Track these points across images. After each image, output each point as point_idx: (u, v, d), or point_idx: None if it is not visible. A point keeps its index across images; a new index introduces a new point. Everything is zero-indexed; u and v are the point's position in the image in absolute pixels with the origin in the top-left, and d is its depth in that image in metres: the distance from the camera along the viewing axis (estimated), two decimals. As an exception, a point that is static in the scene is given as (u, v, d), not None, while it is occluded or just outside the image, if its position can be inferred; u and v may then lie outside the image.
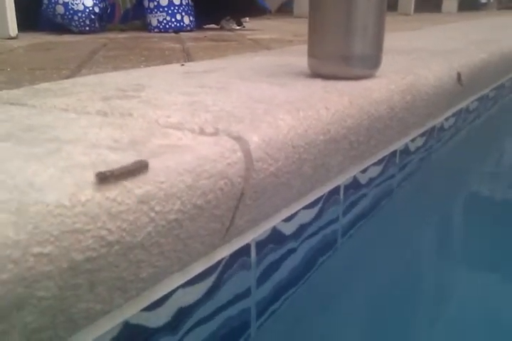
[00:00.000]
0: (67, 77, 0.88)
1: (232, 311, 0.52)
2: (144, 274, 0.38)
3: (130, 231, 0.33)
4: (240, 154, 0.42)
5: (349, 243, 0.70)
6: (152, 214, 0.34)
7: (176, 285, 0.44)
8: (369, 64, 0.69)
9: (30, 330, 0.30)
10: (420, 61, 0.93)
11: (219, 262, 0.49)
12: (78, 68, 0.99)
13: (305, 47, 0.73)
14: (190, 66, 0.92)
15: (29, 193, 0.29)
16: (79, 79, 0.78)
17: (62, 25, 1.92)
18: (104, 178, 0.32)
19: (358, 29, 0.66)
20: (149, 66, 0.98)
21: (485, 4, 5.55)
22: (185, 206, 0.37)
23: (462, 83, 0.99)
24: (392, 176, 0.89)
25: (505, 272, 0.66)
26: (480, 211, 0.90)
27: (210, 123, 0.46)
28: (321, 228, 0.67)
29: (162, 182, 0.35)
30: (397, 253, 0.71)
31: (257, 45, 1.45)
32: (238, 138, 0.43)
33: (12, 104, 0.60)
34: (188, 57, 1.17)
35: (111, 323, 0.38)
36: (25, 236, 0.27)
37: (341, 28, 0.66)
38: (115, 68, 0.97)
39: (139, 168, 0.35)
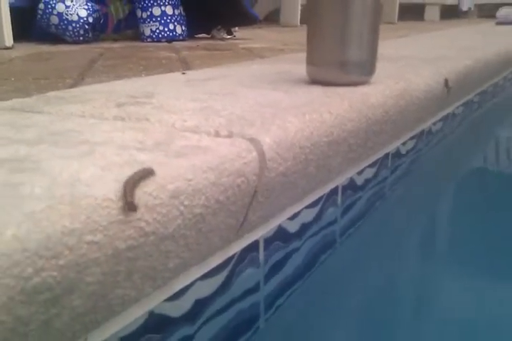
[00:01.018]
0: (72, 86, 0.91)
1: (244, 304, 0.55)
2: (170, 264, 0.42)
3: (163, 223, 0.37)
4: (254, 154, 0.45)
5: (348, 241, 0.74)
6: (181, 208, 0.38)
7: (194, 277, 0.48)
8: (365, 71, 0.74)
9: (76, 314, 0.34)
10: (410, 68, 0.98)
11: (232, 257, 0.53)
12: (81, 77, 1.02)
13: (297, 56, 0.78)
14: (191, 74, 0.95)
15: (79, 188, 0.32)
16: (87, 88, 0.81)
17: (56, 36, 1.95)
18: (133, 207, 0.33)
19: (354, 38, 0.70)
20: (150, 75, 1.01)
21: (466, 12, 5.69)
22: (209, 201, 0.41)
23: (449, 89, 1.04)
24: (385, 178, 0.94)
25: (500, 270, 0.70)
26: (467, 209, 0.95)
27: (224, 127, 0.50)
28: (321, 227, 0.71)
29: (190, 180, 0.38)
30: (392, 250, 0.75)
31: (251, 54, 1.50)
32: (252, 140, 0.46)
33: (28, 111, 0.63)
34: (185, 65, 1.21)
35: (140, 311, 0.42)
36: (79, 225, 0.30)
37: (338, 37, 0.71)
38: (117, 77, 1.00)
39: (145, 175, 0.36)
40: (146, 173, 0.36)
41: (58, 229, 0.29)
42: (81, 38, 1.95)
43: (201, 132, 0.49)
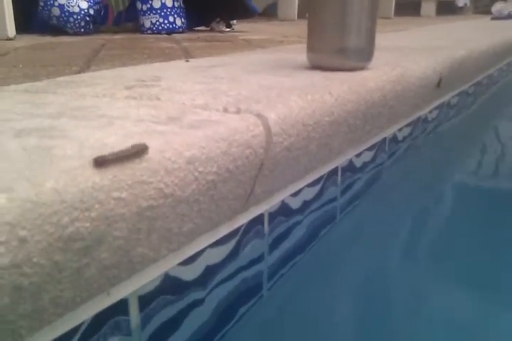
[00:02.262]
0: (79, 72, 0.94)
1: (249, 273, 0.59)
2: (185, 228, 0.45)
3: (180, 187, 0.40)
4: (261, 128, 0.48)
5: (346, 217, 0.78)
6: (196, 174, 0.41)
7: (205, 244, 0.51)
8: (363, 56, 0.77)
9: (103, 266, 0.37)
10: (407, 56, 1.02)
11: (239, 228, 0.56)
12: (87, 65, 1.05)
13: (297, 47, 0.81)
14: (194, 62, 0.98)
15: (105, 150, 0.35)
16: (95, 73, 0.84)
17: (56, 27, 1.97)
18: (102, 162, 0.33)
19: (353, 25, 0.73)
20: (154, 63, 1.04)
21: (462, 8, 5.72)
22: (220, 169, 0.44)
23: (440, 85, 1.07)
24: (382, 162, 0.97)
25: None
26: (460, 196, 0.99)
27: (232, 104, 0.53)
28: (322, 204, 0.75)
29: (203, 148, 0.41)
30: (386, 227, 0.79)
31: (250, 45, 1.52)
32: (259, 115, 0.50)
33: (42, 93, 0.66)
34: (187, 55, 1.23)
35: (156, 272, 0.45)
36: (107, 182, 0.33)
37: (338, 24, 0.74)
38: (123, 65, 1.03)
39: (138, 152, 0.36)
40: (140, 150, 0.36)
41: (90, 185, 0.32)
42: (82, 30, 1.98)
43: (210, 109, 0.52)
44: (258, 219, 0.60)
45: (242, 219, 0.57)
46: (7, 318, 0.30)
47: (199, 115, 0.49)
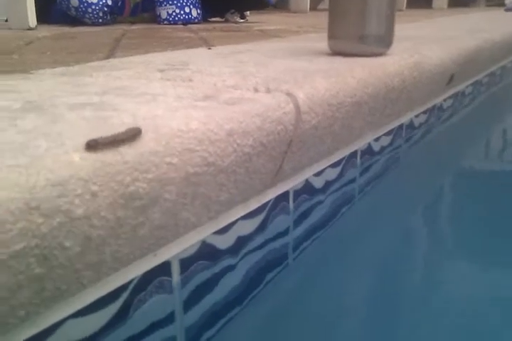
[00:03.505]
0: (105, 59, 0.97)
1: (275, 244, 0.63)
2: (222, 198, 0.48)
3: (221, 157, 0.43)
4: (291, 106, 0.52)
5: (364, 197, 0.82)
6: (235, 146, 0.45)
7: (238, 216, 0.55)
8: (383, 43, 0.80)
9: (154, 226, 0.40)
10: (422, 45, 1.04)
11: (267, 202, 0.60)
12: (111, 52, 1.08)
13: (313, 36, 0.84)
14: (216, 49, 1.02)
15: (156, 120, 0.39)
16: (123, 59, 0.88)
17: (75, 18, 2.01)
18: (94, 145, 0.33)
19: (373, 12, 0.76)
20: (176, 50, 1.07)
21: (474, 1, 5.68)
22: (255, 142, 0.47)
23: (451, 83, 1.10)
24: (399, 146, 1.00)
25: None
26: (474, 179, 1.02)
27: (261, 85, 0.57)
28: (342, 185, 0.78)
29: (241, 122, 0.45)
30: (402, 207, 0.84)
31: (266, 35, 1.55)
32: (289, 94, 0.53)
33: (79, 76, 0.69)
34: (206, 44, 1.26)
35: (196, 238, 0.49)
36: (161, 148, 0.37)
37: (359, 11, 0.77)
38: (146, 52, 1.06)
39: (131, 136, 0.36)
40: (134, 133, 0.36)
41: (147, 150, 0.36)
42: (100, 20, 2.01)
43: (242, 88, 0.55)
44: (284, 196, 0.63)
45: (270, 195, 0.60)
46: (75, 267, 0.34)
47: (232, 94, 0.52)
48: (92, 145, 0.33)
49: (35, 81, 0.62)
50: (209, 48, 1.02)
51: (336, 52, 0.82)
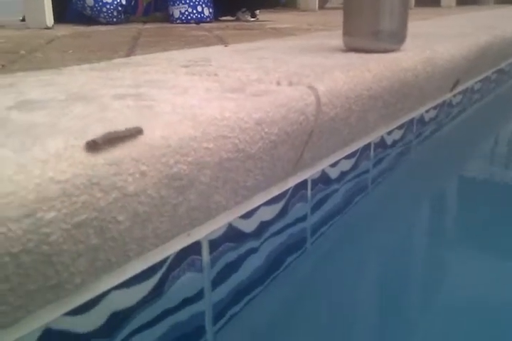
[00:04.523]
0: (127, 56, 1.01)
1: (295, 229, 0.66)
2: (248, 183, 0.52)
3: (250, 144, 0.47)
4: (312, 98, 0.55)
5: (377, 187, 0.85)
6: (262, 133, 0.48)
7: (261, 201, 0.58)
8: (396, 39, 0.83)
9: (190, 207, 0.44)
10: (434, 41, 1.07)
11: (288, 190, 0.63)
12: (131, 50, 1.12)
13: (325, 34, 0.87)
14: (233, 47, 1.05)
15: (194, 110, 0.42)
16: (146, 56, 0.91)
17: (89, 18, 2.05)
18: (94, 145, 0.33)
19: (386, 9, 0.79)
20: (194, 48, 1.11)
21: (483, -2, 5.66)
22: (280, 131, 0.51)
23: (455, 89, 1.13)
24: (410, 140, 1.03)
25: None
26: (485, 173, 1.05)
27: (283, 78, 0.60)
28: (356, 175, 0.81)
29: (268, 111, 0.48)
30: (412, 197, 0.88)
31: (279, 33, 1.58)
32: (310, 87, 0.56)
33: (108, 71, 0.73)
34: (222, 42, 1.30)
35: (223, 221, 0.52)
36: (199, 134, 0.40)
37: (373, 8, 0.80)
38: (164, 50, 1.10)
39: (132, 134, 0.36)
40: (134, 133, 0.36)
41: (187, 136, 0.39)
42: (114, 20, 2.05)
43: (265, 82, 0.59)
44: (303, 184, 0.67)
45: (290, 183, 0.64)
46: (124, 240, 0.38)
47: (257, 87, 0.56)
48: (91, 146, 0.33)
49: (68, 76, 0.65)
50: (226, 46, 1.06)
51: (350, 49, 0.85)
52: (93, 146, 0.33)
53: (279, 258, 0.62)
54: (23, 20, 2.06)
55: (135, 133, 0.36)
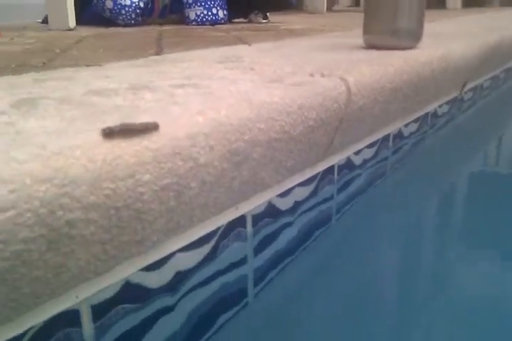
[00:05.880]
0: (157, 55, 1.07)
1: (324, 207, 0.72)
2: (288, 163, 0.58)
3: (293, 127, 0.53)
4: (344, 87, 0.61)
5: (394, 174, 0.93)
6: (303, 118, 0.54)
7: (296, 182, 0.64)
8: (413, 37, 0.89)
9: (242, 182, 0.50)
10: (446, 40, 1.13)
11: (318, 174, 0.69)
12: (159, 49, 1.19)
13: (340, 34, 0.92)
14: (256, 46, 1.11)
15: (249, 95, 0.48)
16: (179, 54, 0.98)
17: (107, 20, 2.12)
18: (109, 133, 0.35)
19: (405, 9, 0.86)
20: (219, 47, 1.17)
21: (488, 0, 5.71)
22: (317, 116, 0.57)
23: (463, 91, 1.20)
24: (425, 132, 1.09)
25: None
26: (495, 167, 1.12)
27: (316, 71, 0.66)
28: (377, 162, 0.88)
29: (308, 98, 0.54)
30: (425, 185, 0.96)
31: (294, 33, 1.65)
32: (342, 78, 0.62)
33: (149, 67, 0.79)
34: (241, 41, 1.36)
35: (266, 197, 0.58)
36: (253, 115, 0.46)
37: (392, 8, 0.86)
38: (190, 49, 1.16)
39: (148, 128, 0.37)
40: (150, 127, 0.37)
41: (244, 116, 0.45)
42: (132, 22, 2.12)
43: (300, 74, 0.65)
44: (330, 170, 0.73)
45: (320, 167, 0.70)
46: (192, 205, 0.44)
47: (293, 78, 0.62)
48: (107, 133, 0.35)
49: (117, 71, 0.72)
50: (249, 45, 1.12)
51: (370, 46, 0.91)
52: (108, 133, 0.35)
53: (309, 231, 0.68)
54: (43, 22, 2.13)
55: (151, 128, 0.37)
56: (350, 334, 0.54)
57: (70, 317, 0.38)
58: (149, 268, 0.44)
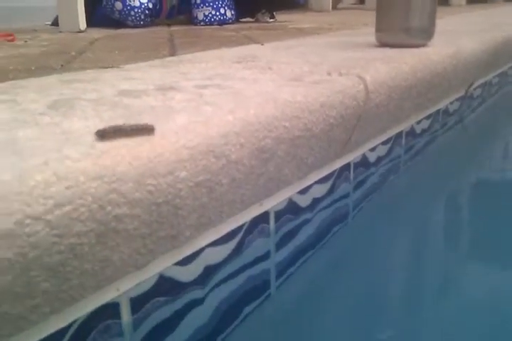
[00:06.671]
0: (171, 56, 1.09)
1: (340, 204, 0.74)
2: (309, 160, 0.59)
3: (315, 124, 0.54)
4: (362, 86, 0.63)
5: (407, 170, 0.95)
6: (324, 116, 0.56)
7: (315, 179, 0.66)
8: (425, 35, 0.91)
9: (268, 178, 0.52)
10: (456, 38, 1.14)
11: (335, 170, 0.71)
12: (173, 50, 1.20)
13: (349, 32, 0.94)
14: (268, 45, 1.13)
15: (272, 94, 0.50)
16: (194, 54, 0.99)
17: (115, 21, 2.14)
18: (102, 135, 0.36)
19: (417, 7, 0.87)
20: (232, 47, 1.19)
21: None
22: (337, 114, 0.58)
23: (468, 92, 1.21)
24: (436, 130, 1.11)
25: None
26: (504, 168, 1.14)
27: (333, 70, 0.68)
28: (391, 159, 0.89)
29: (329, 96, 0.56)
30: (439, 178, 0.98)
31: (303, 32, 1.66)
32: (359, 77, 0.64)
33: (169, 67, 0.81)
34: (252, 41, 1.38)
35: (287, 194, 0.60)
36: (279, 114, 0.48)
37: (404, 7, 0.87)
38: (203, 49, 1.18)
39: (142, 131, 0.37)
40: (142, 129, 0.37)
41: (270, 114, 0.47)
42: (141, 23, 2.14)
43: (317, 73, 0.66)
44: (347, 167, 0.74)
45: (337, 164, 0.71)
46: (222, 201, 0.45)
47: (312, 77, 0.63)
48: (100, 135, 0.36)
49: (140, 72, 0.73)
50: (262, 44, 1.14)
51: (382, 44, 0.92)
52: (102, 135, 0.36)
53: (327, 228, 0.70)
54: (53, 24, 2.15)
55: (144, 131, 0.37)
56: (365, 326, 0.56)
57: (111, 310, 0.40)
58: (181, 262, 0.46)
